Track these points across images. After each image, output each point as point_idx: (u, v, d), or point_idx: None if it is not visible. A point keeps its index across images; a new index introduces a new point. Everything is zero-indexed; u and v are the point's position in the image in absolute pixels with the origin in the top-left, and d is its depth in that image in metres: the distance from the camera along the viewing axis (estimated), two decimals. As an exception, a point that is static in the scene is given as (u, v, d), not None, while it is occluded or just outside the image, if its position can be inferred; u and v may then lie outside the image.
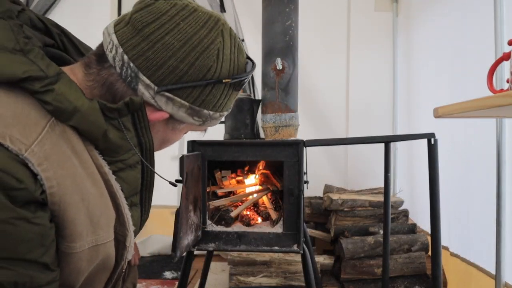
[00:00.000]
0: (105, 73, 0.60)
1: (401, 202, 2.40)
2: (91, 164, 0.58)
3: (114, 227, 0.61)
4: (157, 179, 0.75)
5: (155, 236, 2.87)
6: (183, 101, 0.62)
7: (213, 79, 0.62)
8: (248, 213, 1.56)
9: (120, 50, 0.59)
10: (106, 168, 0.60)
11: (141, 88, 0.60)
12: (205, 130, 0.77)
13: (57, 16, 2.87)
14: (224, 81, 0.63)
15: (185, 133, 0.73)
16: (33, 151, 0.50)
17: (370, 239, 2.14)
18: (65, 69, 0.60)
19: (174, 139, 0.72)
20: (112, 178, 0.61)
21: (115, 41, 0.59)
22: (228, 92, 0.66)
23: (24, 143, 0.49)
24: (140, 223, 0.75)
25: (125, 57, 0.58)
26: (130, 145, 0.62)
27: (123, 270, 0.65)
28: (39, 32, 0.63)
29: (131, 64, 0.59)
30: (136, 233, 0.76)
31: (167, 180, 0.74)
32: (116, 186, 0.61)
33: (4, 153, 0.48)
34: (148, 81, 0.59)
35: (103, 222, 0.58)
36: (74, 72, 0.61)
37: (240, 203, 1.58)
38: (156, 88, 0.59)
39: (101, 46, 0.62)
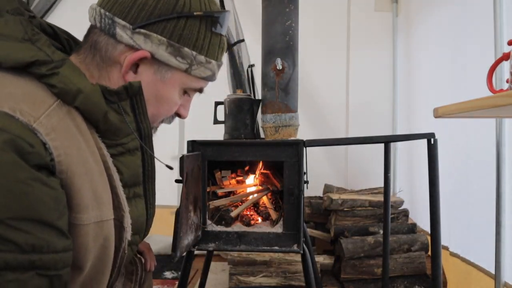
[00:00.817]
0: (91, 37, 0.67)
1: (401, 202, 2.40)
2: (93, 144, 0.61)
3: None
4: (158, 179, 0.76)
5: (155, 236, 2.88)
6: (159, 36, 0.65)
7: (184, 13, 0.65)
8: (248, 213, 1.56)
9: (98, 8, 0.66)
10: (105, 151, 0.63)
11: (118, 31, 0.64)
12: (200, 91, 0.75)
13: (57, 16, 2.87)
14: (195, 13, 0.66)
15: (180, 93, 0.72)
16: (41, 123, 0.53)
17: (370, 239, 2.14)
18: None
19: (168, 96, 0.71)
20: (109, 160, 0.64)
21: (94, 6, 0.67)
22: (206, 32, 0.69)
23: (33, 115, 0.53)
24: (147, 217, 0.76)
25: (102, 10, 0.65)
26: (129, 128, 0.65)
27: (125, 252, 0.66)
28: (48, 36, 0.67)
29: (107, 13, 0.64)
30: (145, 230, 0.77)
31: (164, 163, 0.76)
32: (113, 169, 0.64)
33: (16, 123, 0.51)
34: (123, 22, 0.64)
35: (105, 199, 0.61)
36: (70, 59, 0.65)
37: (240, 203, 1.58)
38: (131, 26, 0.64)
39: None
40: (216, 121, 1.67)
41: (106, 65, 0.66)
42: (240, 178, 1.70)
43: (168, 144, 2.82)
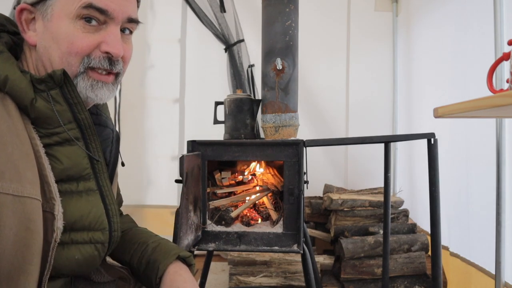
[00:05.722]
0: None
1: (401, 202, 2.40)
2: (22, 129, 0.63)
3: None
4: (158, 179, 0.76)
5: (155, 236, 2.87)
6: None
7: None
8: (248, 214, 1.56)
9: None
10: (38, 141, 0.66)
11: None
12: (102, 11, 0.69)
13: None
14: None
15: (73, 23, 0.69)
16: None
17: (370, 239, 2.14)
18: None
19: (60, 30, 0.69)
20: (42, 150, 0.65)
21: None
22: None
23: None
24: (108, 214, 0.75)
25: None
26: (57, 117, 0.68)
27: (56, 241, 0.65)
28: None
29: None
30: (110, 228, 0.76)
31: (95, 159, 0.76)
32: (45, 158, 0.65)
33: None
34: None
35: (29, 177, 0.61)
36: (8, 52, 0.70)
37: (241, 203, 1.58)
38: None
39: None
40: (216, 121, 1.67)
41: (26, 42, 0.72)
42: (240, 178, 1.70)
43: (168, 144, 2.82)
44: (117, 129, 0.94)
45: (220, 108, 1.65)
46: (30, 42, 0.71)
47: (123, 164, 0.86)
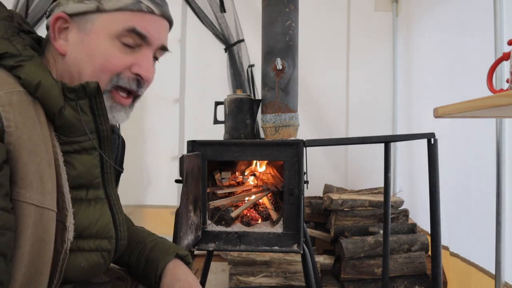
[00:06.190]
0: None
1: (401, 202, 2.40)
2: (48, 136, 0.63)
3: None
4: (158, 179, 0.77)
5: (155, 236, 2.87)
6: None
7: None
8: (248, 214, 1.56)
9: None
10: (58, 149, 0.66)
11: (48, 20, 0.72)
12: (142, 36, 0.71)
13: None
14: None
15: (111, 42, 0.70)
16: (0, 97, 0.58)
17: (370, 239, 2.14)
18: None
19: (96, 47, 0.69)
20: (61, 159, 0.66)
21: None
22: None
23: None
24: (115, 223, 0.76)
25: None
26: (83, 127, 0.68)
27: (67, 253, 0.65)
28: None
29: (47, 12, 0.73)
30: (117, 236, 0.76)
31: (115, 166, 0.78)
32: (63, 168, 0.66)
33: None
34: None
35: (49, 188, 0.61)
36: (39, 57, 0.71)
37: (241, 203, 1.58)
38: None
39: None
40: (216, 121, 1.67)
41: (53, 50, 0.72)
42: (240, 179, 1.70)
43: (168, 144, 2.82)
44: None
45: (220, 108, 1.65)
46: (60, 51, 0.70)
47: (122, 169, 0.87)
